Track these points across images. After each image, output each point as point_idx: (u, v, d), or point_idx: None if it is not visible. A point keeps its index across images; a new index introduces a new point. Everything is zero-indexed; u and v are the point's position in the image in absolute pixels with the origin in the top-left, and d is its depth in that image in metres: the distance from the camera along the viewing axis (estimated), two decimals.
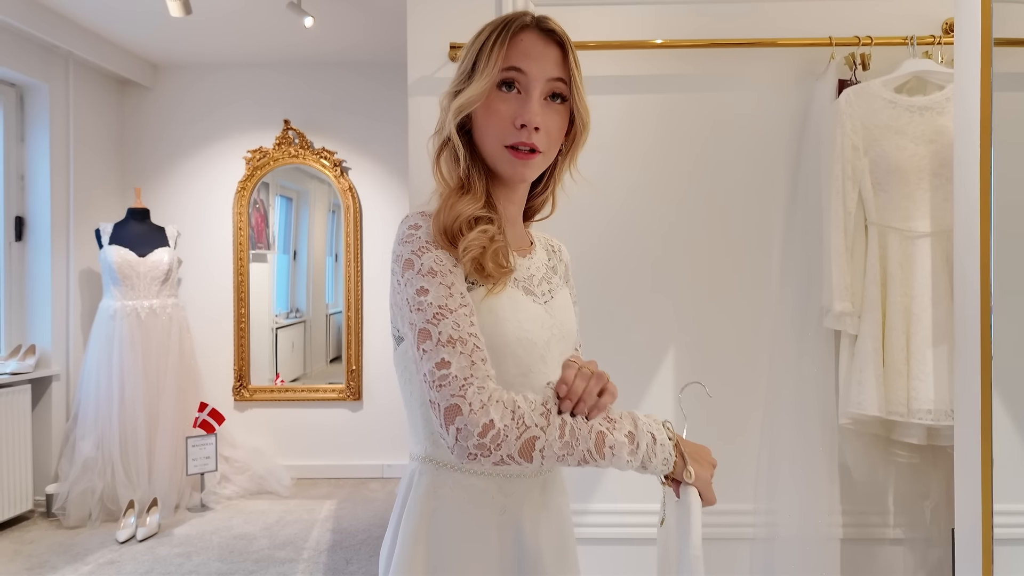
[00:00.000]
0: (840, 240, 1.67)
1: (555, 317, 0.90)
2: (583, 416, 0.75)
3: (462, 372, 0.72)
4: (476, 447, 0.70)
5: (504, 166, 0.85)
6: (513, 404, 0.72)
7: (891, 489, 1.80)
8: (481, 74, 0.83)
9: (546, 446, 0.72)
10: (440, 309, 0.76)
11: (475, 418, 0.70)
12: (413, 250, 0.80)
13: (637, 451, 0.76)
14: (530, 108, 0.83)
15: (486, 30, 0.86)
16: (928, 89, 1.75)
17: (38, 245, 3.29)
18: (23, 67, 3.10)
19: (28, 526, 3.09)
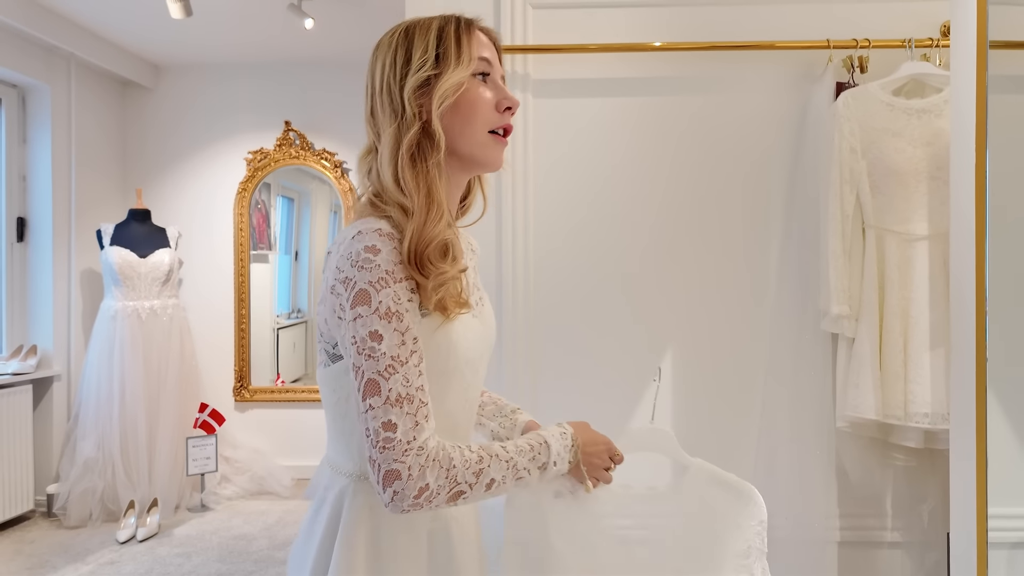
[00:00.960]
0: (838, 243, 1.67)
1: (486, 326, 0.91)
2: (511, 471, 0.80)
3: (406, 436, 0.73)
4: (410, 506, 0.74)
5: (488, 151, 0.85)
6: (449, 463, 0.76)
7: (888, 492, 1.80)
8: (457, 62, 0.81)
9: (470, 496, 0.77)
10: (392, 361, 0.74)
11: (412, 484, 0.73)
12: (371, 281, 0.74)
13: (543, 478, 0.85)
14: (508, 93, 0.85)
15: (433, 23, 0.84)
16: (926, 92, 1.74)
17: (40, 246, 3.30)
18: (25, 68, 3.11)
19: (29, 526, 3.10)
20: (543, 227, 1.86)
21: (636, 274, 1.86)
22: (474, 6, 1.82)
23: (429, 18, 0.86)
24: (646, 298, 1.86)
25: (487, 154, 0.85)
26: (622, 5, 1.85)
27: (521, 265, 1.84)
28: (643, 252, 1.86)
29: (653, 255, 1.86)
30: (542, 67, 1.85)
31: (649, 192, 1.86)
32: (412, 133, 0.80)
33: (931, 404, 1.60)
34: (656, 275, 1.86)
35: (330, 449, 0.88)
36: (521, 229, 1.84)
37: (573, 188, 1.86)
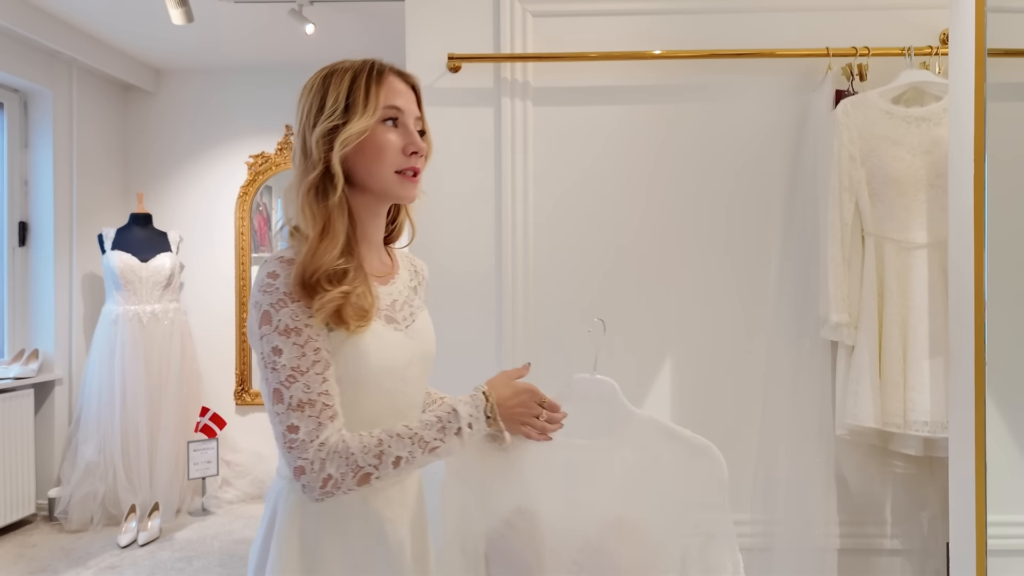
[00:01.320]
0: (837, 251, 1.67)
1: (415, 340, 0.99)
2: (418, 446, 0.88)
3: (308, 436, 0.83)
4: (320, 495, 0.84)
5: (398, 189, 0.94)
6: (347, 451, 0.84)
7: (888, 500, 1.80)
8: (363, 110, 0.90)
9: (381, 476, 0.86)
10: (292, 371, 0.84)
11: (316, 476, 0.83)
12: (271, 302, 0.86)
13: (463, 442, 0.91)
14: (415, 137, 0.94)
15: (349, 71, 0.92)
16: (925, 100, 1.75)
17: (41, 250, 3.31)
18: (27, 73, 3.12)
19: (30, 530, 3.11)
20: (542, 234, 1.86)
21: (636, 281, 1.87)
22: (475, 17, 1.83)
23: (349, 64, 0.94)
24: (646, 305, 1.87)
25: (396, 191, 0.94)
26: (622, 13, 1.85)
27: (520, 272, 1.85)
28: (642, 259, 1.87)
29: (653, 263, 1.87)
30: (542, 75, 1.85)
31: (649, 200, 1.87)
32: (315, 174, 0.90)
33: (930, 412, 1.60)
34: (656, 282, 1.86)
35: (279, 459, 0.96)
36: (520, 236, 1.85)
37: (572, 196, 1.87)
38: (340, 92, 0.91)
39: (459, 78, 1.84)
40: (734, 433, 1.85)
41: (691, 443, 1.04)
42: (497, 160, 1.85)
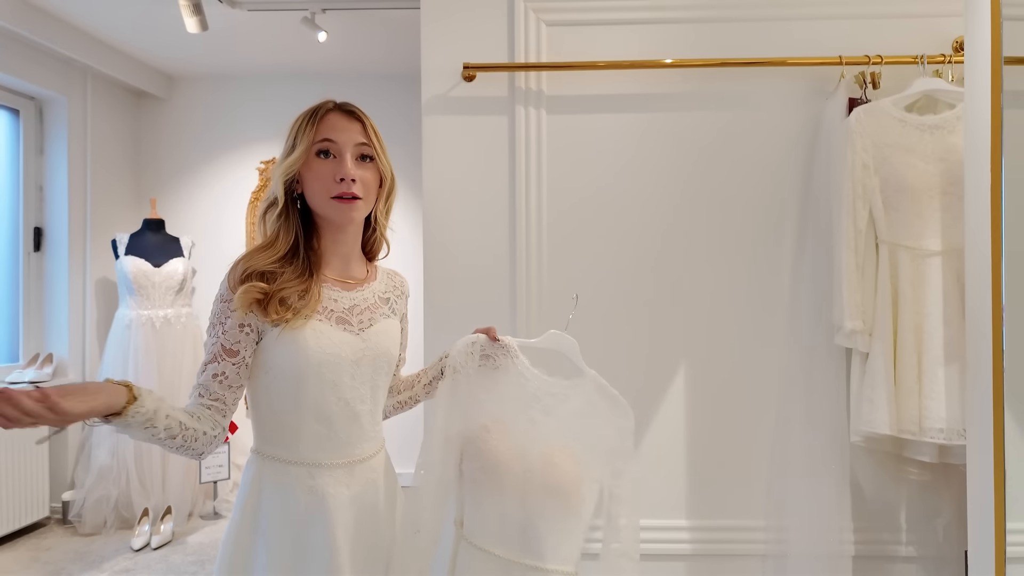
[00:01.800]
0: (851, 258, 1.68)
1: (368, 341, 1.12)
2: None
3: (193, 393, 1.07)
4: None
5: (334, 212, 1.09)
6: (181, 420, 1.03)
7: (903, 507, 1.80)
8: (299, 146, 1.08)
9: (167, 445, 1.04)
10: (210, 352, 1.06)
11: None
12: (216, 297, 1.08)
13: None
14: (345, 165, 1.08)
15: (300, 117, 1.11)
16: (939, 108, 1.75)
17: (56, 255, 3.34)
18: (43, 81, 3.16)
19: (45, 533, 3.13)
20: (555, 242, 1.87)
21: (648, 289, 1.87)
22: (490, 25, 1.85)
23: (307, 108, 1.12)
24: (659, 313, 1.87)
25: (332, 214, 1.10)
26: (634, 22, 1.86)
27: (534, 278, 1.86)
28: (655, 267, 1.87)
29: (665, 270, 1.87)
30: (555, 84, 1.87)
31: (661, 208, 1.88)
32: (269, 197, 1.11)
33: (946, 419, 1.60)
34: (668, 290, 1.87)
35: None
36: (534, 243, 1.86)
37: (585, 204, 1.88)
38: (291, 133, 1.11)
39: (473, 87, 1.85)
40: (747, 440, 1.85)
41: (617, 400, 1.29)
42: (511, 168, 1.86)
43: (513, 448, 1.22)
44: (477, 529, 1.21)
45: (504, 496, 1.20)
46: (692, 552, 1.85)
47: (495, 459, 1.21)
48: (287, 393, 1.07)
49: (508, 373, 1.29)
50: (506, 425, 1.25)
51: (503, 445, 1.22)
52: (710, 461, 1.87)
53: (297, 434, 1.08)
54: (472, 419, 1.25)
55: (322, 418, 1.08)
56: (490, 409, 1.26)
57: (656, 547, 1.82)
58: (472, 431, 1.24)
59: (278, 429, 1.08)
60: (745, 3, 1.85)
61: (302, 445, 1.08)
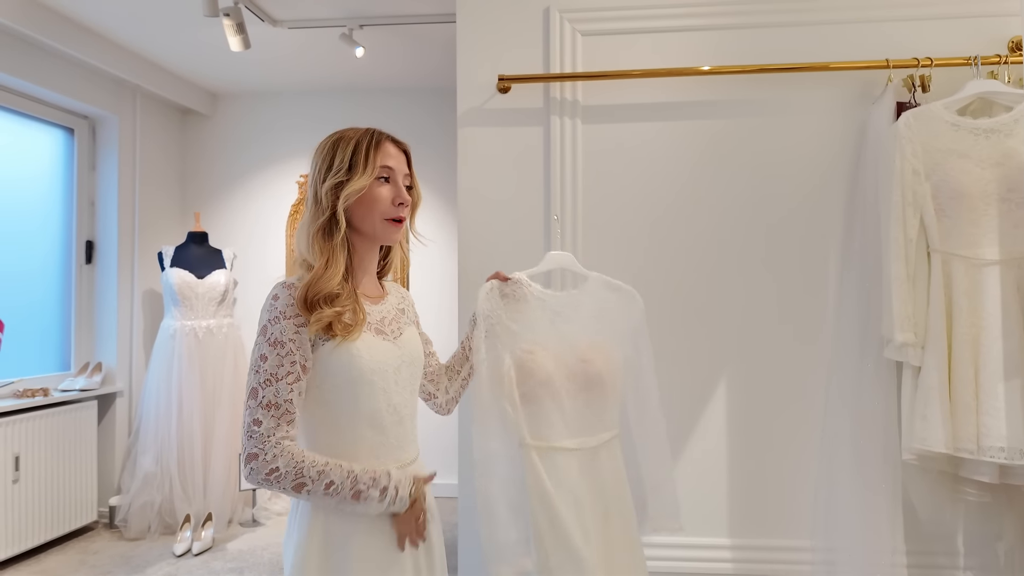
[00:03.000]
0: (901, 268, 1.61)
1: (403, 349, 1.19)
2: (350, 480, 1.05)
3: (268, 431, 1.02)
4: (262, 481, 1.02)
5: (385, 232, 1.16)
6: (301, 458, 1.03)
7: (960, 529, 1.71)
8: (363, 171, 1.12)
9: (312, 492, 1.03)
10: (270, 376, 1.04)
11: (264, 465, 1.01)
12: (269, 319, 1.06)
13: (383, 504, 1.08)
14: (402, 191, 1.16)
15: (354, 138, 1.14)
16: (994, 110, 1.68)
17: (106, 267, 3.47)
18: (96, 100, 3.30)
19: (93, 536, 3.23)
20: (591, 251, 1.85)
21: (687, 300, 1.84)
22: (525, 39, 1.85)
23: (353, 133, 1.15)
24: (698, 324, 1.83)
25: (383, 235, 1.17)
26: (670, 30, 1.84)
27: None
28: (696, 278, 1.84)
29: (706, 281, 1.83)
30: (591, 93, 1.85)
31: (702, 217, 1.84)
32: (323, 219, 1.12)
33: (1007, 438, 1.52)
34: (708, 301, 1.83)
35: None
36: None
37: (622, 214, 1.86)
38: (346, 155, 1.13)
39: (508, 98, 1.85)
40: (792, 455, 1.79)
41: (623, 289, 1.54)
42: (546, 178, 1.86)
43: (554, 359, 1.46)
44: (549, 432, 1.43)
45: (561, 399, 1.44)
46: (734, 572, 1.79)
47: (545, 373, 1.44)
48: (343, 403, 1.10)
49: (527, 302, 1.50)
50: (542, 343, 1.47)
51: (547, 360, 1.45)
52: (753, 477, 1.81)
53: (354, 444, 1.11)
54: (516, 348, 1.46)
55: (376, 424, 1.12)
56: (526, 336, 1.47)
57: (697, 566, 1.77)
58: (519, 358, 1.44)
59: (334, 442, 1.10)
60: (784, 8, 1.82)
61: (359, 454, 1.10)
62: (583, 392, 1.45)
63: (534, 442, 1.43)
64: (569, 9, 1.85)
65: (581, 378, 1.45)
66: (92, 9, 2.82)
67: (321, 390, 1.09)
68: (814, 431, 1.78)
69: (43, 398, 2.98)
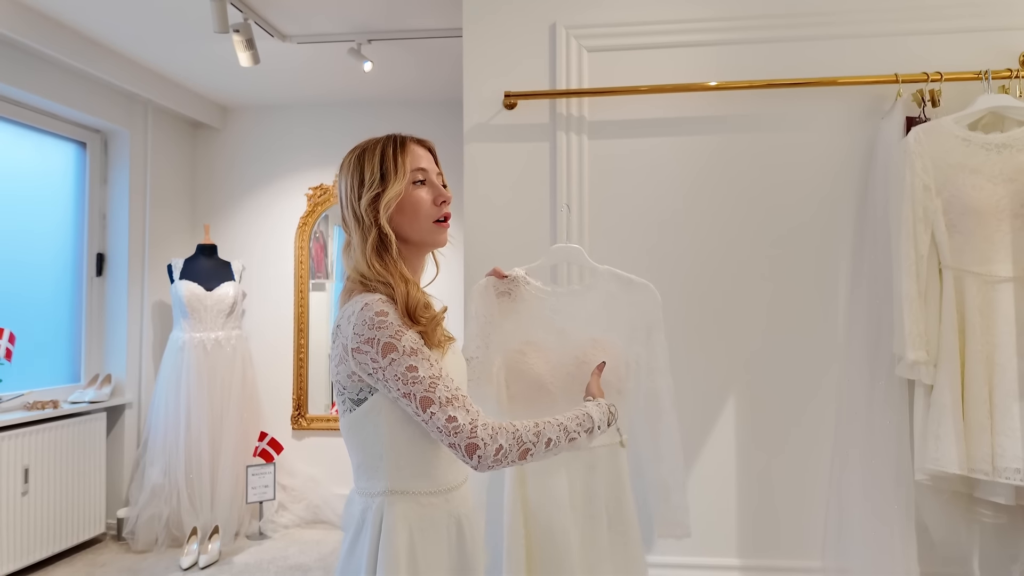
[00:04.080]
0: (912, 285, 1.59)
1: (459, 357, 1.16)
2: (564, 433, 1.06)
3: (467, 419, 0.98)
4: (493, 463, 0.99)
5: (435, 236, 1.11)
6: (513, 428, 1.01)
7: (976, 551, 1.68)
8: (395, 177, 1.07)
9: (536, 453, 1.02)
10: (432, 379, 1.00)
11: (489, 448, 0.98)
12: (391, 335, 1.00)
13: (591, 439, 1.11)
14: (441, 189, 1.11)
15: (378, 147, 1.09)
16: (1006, 125, 1.66)
17: (116, 280, 3.50)
18: (108, 114, 3.34)
19: (100, 549, 3.24)
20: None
21: (695, 317, 1.82)
22: (531, 54, 1.85)
23: (375, 141, 1.11)
24: (706, 341, 1.82)
25: (434, 239, 1.12)
26: (677, 46, 1.84)
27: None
28: (703, 294, 1.82)
29: (713, 298, 1.82)
30: (597, 109, 1.85)
31: (709, 233, 1.83)
32: (372, 236, 1.07)
33: (1023, 459, 1.48)
34: (716, 318, 1.81)
35: (359, 480, 1.10)
36: (576, 271, 1.83)
37: (628, 230, 1.85)
38: (374, 165, 1.08)
39: (515, 114, 1.85)
40: (802, 474, 1.76)
41: (636, 282, 1.45)
42: (552, 194, 1.85)
43: (549, 360, 1.39)
44: None
45: (555, 402, 1.35)
46: None
47: (535, 374, 1.37)
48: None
49: (525, 299, 1.43)
50: (537, 343, 1.40)
51: (539, 361, 1.39)
52: (762, 496, 1.79)
53: (435, 461, 1.08)
54: (508, 348, 1.40)
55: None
56: (520, 335, 1.41)
57: None
58: (510, 358, 1.39)
59: (417, 461, 1.07)
60: (791, 23, 1.81)
61: (439, 472, 1.09)
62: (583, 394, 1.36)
63: None
64: (575, 25, 1.85)
65: (580, 379, 1.36)
66: (105, 25, 2.85)
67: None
68: (824, 449, 1.75)
69: (53, 410, 3.00)
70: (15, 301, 3.07)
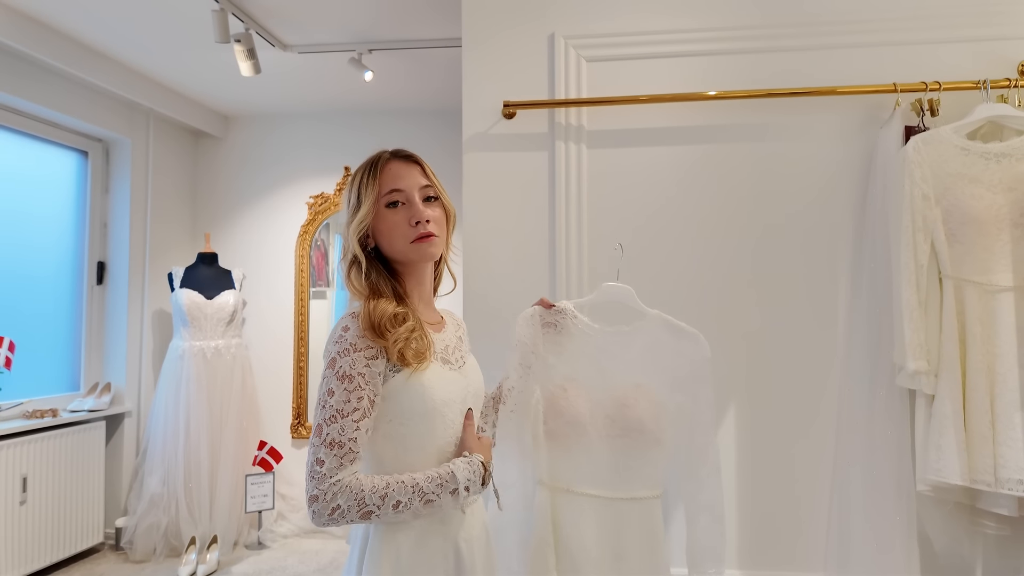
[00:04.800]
0: (912, 294, 1.58)
1: (468, 378, 1.16)
2: (416, 494, 1.01)
3: (329, 472, 0.98)
4: (327, 521, 0.98)
5: (415, 253, 1.11)
6: (359, 489, 0.98)
7: (979, 563, 1.66)
8: (365, 201, 1.10)
9: (381, 515, 0.99)
10: (335, 413, 0.99)
11: (326, 505, 0.97)
12: (339, 351, 1.02)
13: (457, 501, 1.04)
14: (417, 209, 1.10)
15: (359, 172, 1.13)
16: (1005, 135, 1.66)
17: (116, 288, 3.50)
18: (110, 123, 3.35)
19: (98, 559, 3.22)
20: (596, 278, 1.84)
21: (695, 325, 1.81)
22: (530, 63, 1.86)
23: (362, 164, 1.14)
24: None
25: (415, 256, 1.11)
26: (676, 55, 1.84)
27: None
28: (703, 304, 1.81)
29: (713, 307, 1.81)
30: (596, 119, 1.85)
31: (707, 244, 1.82)
32: (348, 257, 1.11)
33: None
34: (716, 328, 1.80)
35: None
36: (575, 279, 1.83)
37: (627, 239, 1.84)
38: (353, 191, 1.12)
39: (514, 124, 1.86)
40: (803, 486, 1.75)
41: (686, 331, 1.39)
42: (551, 203, 1.85)
43: (590, 400, 1.35)
44: (571, 476, 1.34)
45: (591, 443, 1.32)
46: None
47: (575, 413, 1.34)
48: (414, 438, 1.06)
49: (571, 334, 1.39)
50: (580, 381, 1.37)
51: (580, 399, 1.35)
52: (763, 507, 1.77)
53: None
54: (549, 382, 1.38)
55: (443, 458, 1.08)
56: (562, 370, 1.38)
57: None
58: (551, 392, 1.36)
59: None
60: (790, 33, 1.81)
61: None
62: (620, 439, 1.33)
63: (551, 483, 1.34)
64: (574, 35, 1.86)
65: (620, 423, 1.33)
66: (106, 35, 2.87)
67: (392, 424, 1.05)
68: (825, 460, 1.74)
69: (51, 419, 2.99)
70: (15, 309, 3.07)
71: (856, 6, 1.79)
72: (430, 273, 1.18)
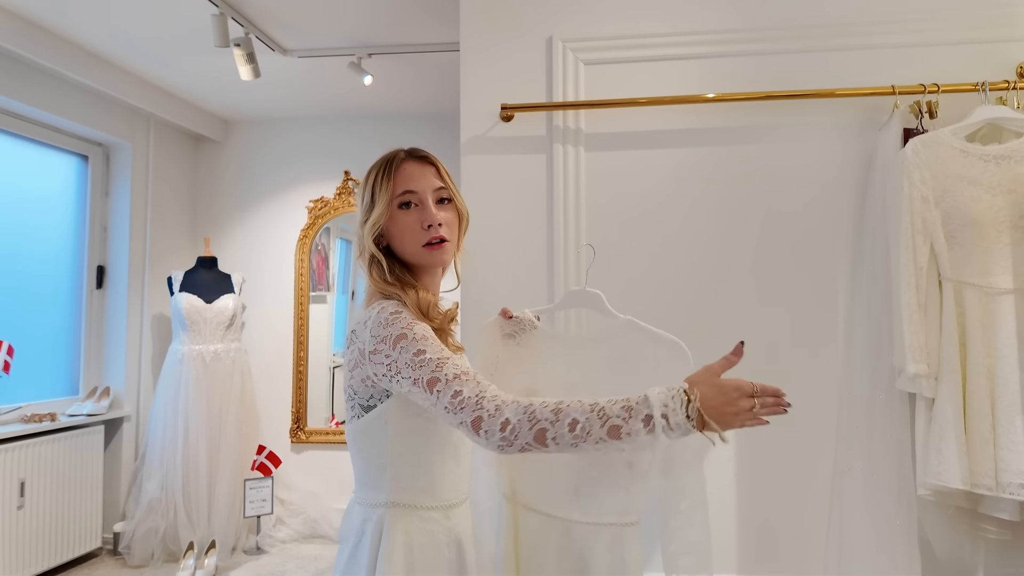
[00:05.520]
0: (912, 297, 1.57)
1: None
2: (597, 415, 0.87)
3: (473, 392, 0.92)
4: (501, 440, 0.89)
5: (426, 258, 1.10)
6: (527, 402, 0.90)
7: (980, 568, 1.64)
8: (379, 201, 1.08)
9: (558, 436, 0.87)
10: (440, 360, 0.96)
11: (494, 421, 0.89)
12: (403, 327, 1.00)
13: (654, 431, 0.86)
14: (430, 212, 1.08)
15: (374, 170, 1.11)
16: (1004, 137, 1.65)
17: (116, 292, 3.50)
18: (111, 128, 3.36)
19: (96, 564, 3.21)
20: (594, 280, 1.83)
21: (694, 330, 1.80)
22: (528, 67, 1.86)
23: (376, 163, 1.12)
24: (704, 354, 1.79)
25: (426, 261, 1.10)
26: (674, 58, 1.84)
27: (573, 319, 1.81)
28: (700, 307, 1.81)
29: (710, 310, 1.80)
30: (594, 121, 1.85)
31: (705, 246, 1.82)
32: (367, 257, 1.10)
33: None
34: (714, 331, 1.80)
35: (360, 491, 1.09)
36: (573, 282, 1.82)
37: (625, 242, 1.84)
38: (367, 189, 1.11)
39: (512, 127, 1.86)
40: (802, 489, 1.74)
41: (664, 339, 1.20)
42: (549, 206, 1.85)
43: None
44: (532, 495, 1.22)
45: (550, 463, 1.17)
46: None
47: None
48: (436, 433, 1.06)
49: (532, 347, 1.27)
50: (540, 393, 1.22)
51: None
52: (762, 512, 1.76)
53: (439, 476, 1.07)
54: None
55: (457, 455, 1.10)
56: (525, 384, 1.24)
57: None
58: None
59: (420, 474, 1.06)
60: (788, 35, 1.81)
61: (441, 487, 1.07)
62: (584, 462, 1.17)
63: (513, 498, 1.25)
64: (571, 38, 1.86)
65: None
66: (107, 39, 2.88)
67: (418, 420, 1.04)
68: (825, 464, 1.73)
69: (50, 423, 2.98)
70: (14, 313, 3.07)
71: (854, 9, 1.79)
72: (440, 272, 1.19)
